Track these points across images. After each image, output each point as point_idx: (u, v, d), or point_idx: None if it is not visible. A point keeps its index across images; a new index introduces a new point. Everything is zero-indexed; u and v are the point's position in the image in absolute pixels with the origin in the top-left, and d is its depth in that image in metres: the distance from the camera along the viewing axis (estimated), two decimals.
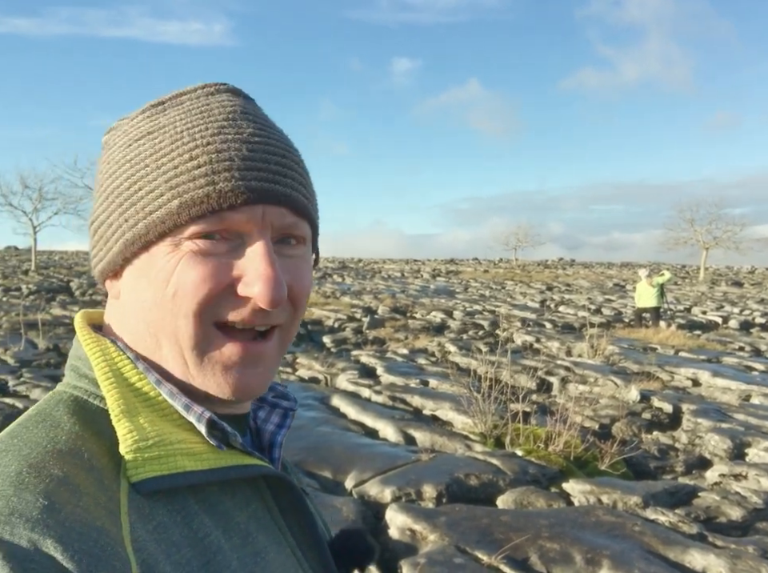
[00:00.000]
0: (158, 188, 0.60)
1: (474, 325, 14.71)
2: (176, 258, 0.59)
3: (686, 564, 3.43)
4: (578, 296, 23.91)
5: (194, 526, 0.55)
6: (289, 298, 0.63)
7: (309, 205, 0.65)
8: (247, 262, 0.60)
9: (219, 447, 0.59)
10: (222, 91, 0.68)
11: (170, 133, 0.63)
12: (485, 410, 5.90)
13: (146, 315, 0.61)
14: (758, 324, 16.68)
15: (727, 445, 5.73)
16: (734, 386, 8.24)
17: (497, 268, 49.70)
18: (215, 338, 0.61)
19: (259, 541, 0.61)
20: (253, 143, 0.62)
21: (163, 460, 0.55)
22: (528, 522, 3.92)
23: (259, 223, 0.60)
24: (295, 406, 0.77)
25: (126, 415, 0.57)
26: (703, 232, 45.73)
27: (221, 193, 0.59)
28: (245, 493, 0.63)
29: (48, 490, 0.49)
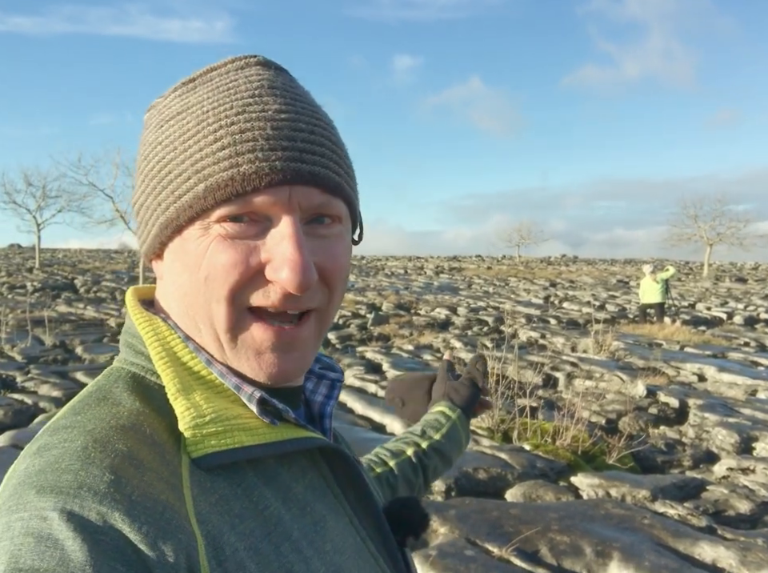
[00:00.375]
0: (185, 172, 0.59)
1: (479, 321, 14.72)
2: (206, 242, 0.59)
3: (696, 556, 3.44)
4: (581, 292, 23.89)
5: (254, 499, 0.56)
6: (322, 280, 0.61)
7: (341, 182, 0.62)
8: (274, 245, 0.59)
9: (273, 423, 0.60)
10: (252, 64, 0.65)
11: (196, 113, 0.61)
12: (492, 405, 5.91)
13: (183, 298, 0.62)
14: (762, 320, 16.66)
15: (734, 439, 5.73)
16: (739, 381, 8.24)
17: (500, 265, 49.66)
18: (248, 323, 0.60)
19: (317, 510, 0.62)
20: (278, 121, 0.60)
21: (221, 436, 0.56)
22: (537, 515, 3.94)
23: (286, 205, 0.59)
24: (342, 378, 0.78)
25: (183, 393, 0.58)
26: (707, 228, 45.61)
27: (244, 175, 0.57)
28: (301, 464, 0.64)
29: (114, 464, 0.50)
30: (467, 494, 4.38)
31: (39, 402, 6.82)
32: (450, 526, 3.75)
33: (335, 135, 0.65)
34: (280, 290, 0.59)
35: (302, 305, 0.61)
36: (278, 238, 0.59)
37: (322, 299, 0.63)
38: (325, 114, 0.66)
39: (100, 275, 26.92)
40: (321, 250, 0.61)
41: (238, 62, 0.65)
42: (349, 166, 0.66)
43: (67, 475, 0.48)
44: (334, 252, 0.62)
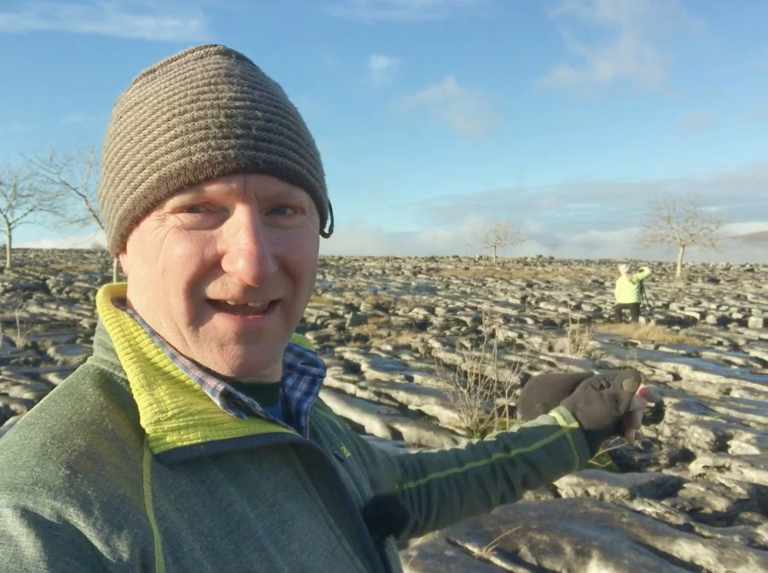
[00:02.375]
0: (140, 162, 0.58)
1: (457, 321, 14.76)
2: (162, 234, 0.58)
3: (674, 554, 3.46)
4: (557, 293, 24.10)
5: (217, 496, 0.55)
6: (286, 271, 0.60)
7: (302, 171, 0.60)
8: (230, 236, 0.57)
9: (240, 416, 0.59)
10: (212, 53, 0.64)
11: (151, 103, 0.60)
12: (471, 404, 5.92)
13: (144, 292, 0.61)
14: (734, 319, 16.95)
15: (710, 437, 5.80)
16: (714, 379, 8.35)
17: (477, 265, 49.92)
18: (209, 314, 0.59)
19: (287, 508, 0.60)
20: (232, 108, 0.58)
21: (183, 431, 0.55)
22: (517, 515, 3.94)
23: (241, 194, 0.57)
24: (324, 373, 0.76)
25: (146, 389, 0.57)
26: (680, 229, 46.31)
27: (196, 164, 0.56)
28: (272, 461, 0.62)
29: (70, 459, 0.50)
30: None
31: (10, 405, 6.67)
32: None
33: (296, 124, 0.63)
34: (238, 281, 0.57)
35: (262, 296, 0.59)
36: (233, 228, 0.57)
37: (285, 291, 0.61)
38: (287, 103, 0.64)
39: (73, 276, 26.49)
40: (282, 241, 0.59)
41: (198, 52, 0.64)
42: (312, 156, 0.64)
43: (23, 472, 0.49)
44: (296, 243, 0.61)
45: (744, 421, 6.37)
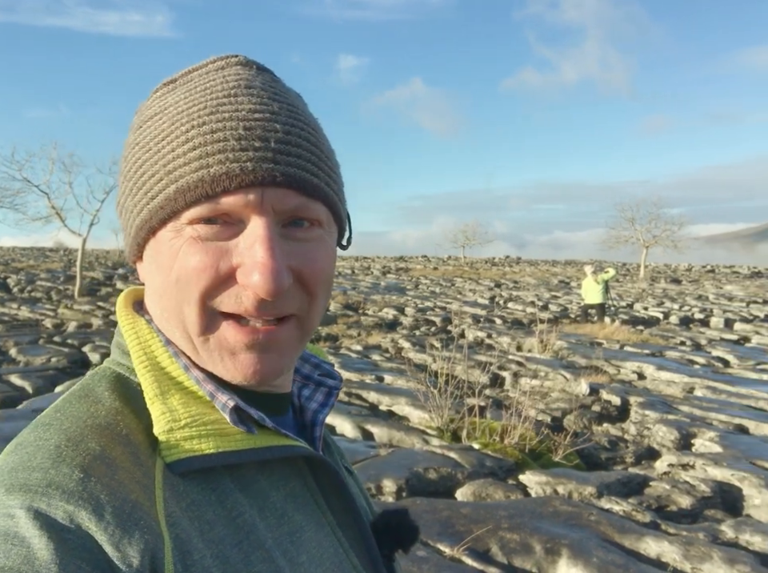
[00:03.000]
0: (157, 173, 0.59)
1: (427, 321, 14.81)
2: (178, 244, 0.58)
3: (642, 552, 3.52)
4: (525, 293, 24.36)
5: (228, 505, 0.56)
6: (301, 285, 0.60)
7: (320, 184, 0.60)
8: (246, 248, 0.57)
9: (250, 431, 0.59)
10: (232, 64, 0.64)
11: (170, 114, 0.60)
12: (441, 404, 5.94)
13: (159, 301, 0.61)
14: (696, 319, 17.34)
15: (674, 436, 5.93)
16: (677, 379, 8.54)
17: (446, 265, 50.19)
18: (221, 324, 0.59)
19: (296, 520, 0.61)
20: (251, 120, 0.58)
21: (196, 441, 0.56)
22: (488, 514, 3.97)
23: (258, 207, 0.57)
24: (340, 385, 0.76)
25: (160, 397, 0.58)
26: (643, 231, 47.17)
27: (214, 176, 0.56)
28: (283, 472, 0.63)
29: (84, 463, 0.50)
30: (418, 495, 4.38)
31: None
32: None
33: (315, 136, 0.63)
34: (252, 295, 0.57)
35: (276, 311, 0.59)
36: (249, 241, 0.57)
37: (301, 305, 0.61)
38: (306, 115, 0.64)
39: (35, 274, 25.84)
40: (298, 254, 0.59)
41: (219, 62, 0.64)
42: (331, 168, 0.63)
43: (37, 474, 0.49)
44: (312, 256, 0.60)
45: (707, 420, 6.52)
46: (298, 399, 0.73)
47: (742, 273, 49.68)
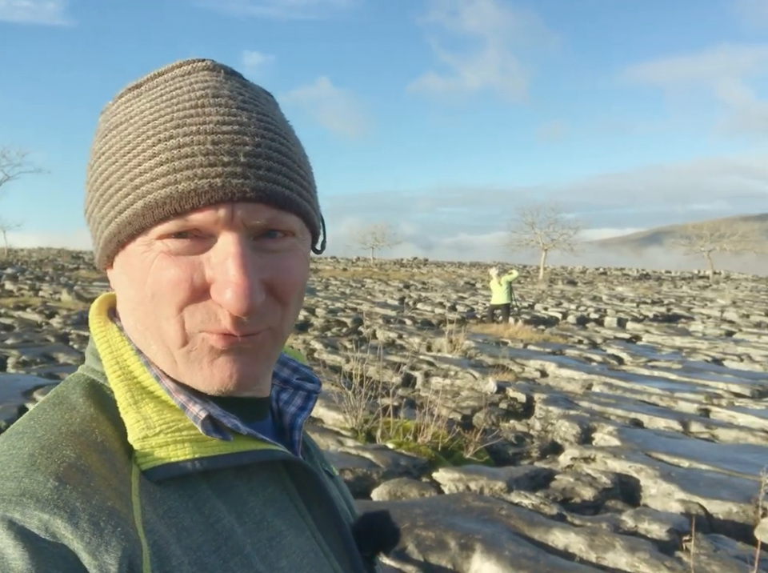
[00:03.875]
0: (124, 187, 0.58)
1: (338, 322, 14.80)
2: (149, 259, 0.57)
3: (550, 543, 3.68)
4: (433, 294, 24.86)
5: (205, 511, 0.56)
6: (274, 296, 0.59)
7: (292, 196, 0.59)
8: (218, 264, 0.56)
9: (225, 439, 0.58)
10: (199, 69, 0.62)
11: (137, 124, 0.59)
12: (356, 405, 5.96)
13: (133, 313, 0.60)
14: (592, 319, 18.31)
15: (576, 430, 6.23)
16: (577, 376, 8.99)
17: (355, 266, 50.36)
18: (200, 335, 0.58)
19: (275, 525, 0.60)
20: (219, 134, 0.57)
21: (171, 448, 0.56)
22: (404, 513, 4.01)
23: (228, 223, 0.56)
24: (319, 389, 0.76)
25: (134, 406, 0.57)
26: (542, 234, 49.37)
27: (182, 194, 0.55)
28: (261, 477, 0.62)
29: (59, 471, 0.50)
30: None
31: None
32: None
33: (286, 145, 0.61)
34: (229, 314, 0.57)
35: (253, 328, 0.58)
36: (221, 256, 0.56)
37: (274, 317, 0.60)
38: (277, 122, 0.63)
39: None
40: (271, 265, 0.59)
41: (185, 67, 0.63)
42: (303, 177, 0.62)
43: (11, 483, 0.48)
44: (285, 266, 0.60)
45: (605, 414, 6.90)
46: (276, 403, 0.73)
47: (631, 275, 52.97)
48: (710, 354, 11.72)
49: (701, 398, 7.71)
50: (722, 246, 54.66)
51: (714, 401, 7.66)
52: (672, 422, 6.56)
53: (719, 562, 3.40)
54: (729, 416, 6.94)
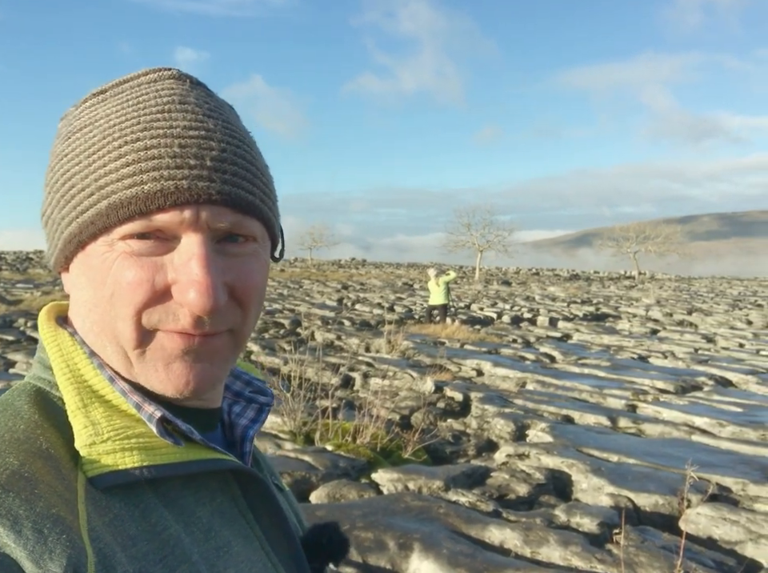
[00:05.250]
0: (88, 187, 0.58)
1: (276, 324, 14.63)
2: (111, 259, 0.58)
3: (486, 540, 3.75)
4: (372, 295, 24.92)
5: (152, 520, 0.55)
6: (235, 300, 0.60)
7: (255, 201, 0.61)
8: (181, 265, 0.57)
9: (177, 443, 0.59)
10: (165, 78, 0.64)
11: (102, 127, 0.60)
12: (294, 408, 5.91)
13: (89, 314, 0.60)
14: (526, 319, 18.77)
15: (510, 428, 6.37)
16: (511, 374, 9.20)
17: (293, 267, 49.95)
18: (156, 336, 0.59)
19: (223, 535, 0.60)
20: (186, 137, 0.58)
21: (119, 455, 0.55)
22: (342, 515, 4.01)
23: (193, 225, 0.57)
24: (272, 402, 0.76)
25: (82, 411, 0.57)
26: (478, 236, 50.32)
27: (148, 194, 0.56)
28: (210, 487, 0.62)
29: (1, 478, 0.49)
30: None
31: None
32: None
33: (250, 153, 0.63)
34: (189, 313, 0.57)
35: (213, 328, 0.59)
36: (184, 257, 0.57)
37: (234, 320, 0.61)
38: (241, 131, 0.65)
39: None
40: (233, 269, 0.60)
41: (152, 75, 0.64)
42: (266, 185, 0.64)
43: None
44: (247, 271, 0.61)
45: (538, 411, 7.09)
46: (228, 416, 0.73)
47: (562, 275, 54.64)
48: (636, 352, 12.22)
49: (628, 395, 8.03)
50: (647, 248, 57.09)
51: (640, 397, 7.99)
52: (601, 418, 6.81)
53: (647, 554, 3.55)
54: (654, 411, 7.25)
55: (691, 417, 6.86)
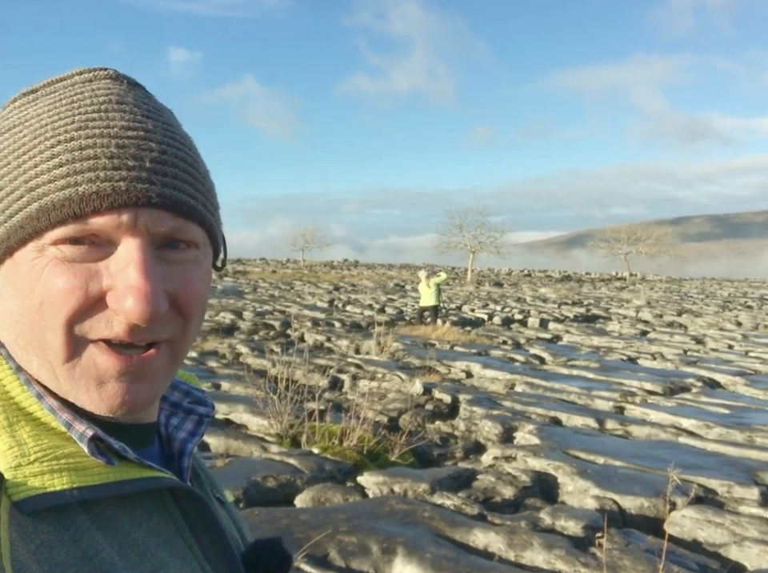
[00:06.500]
0: (17, 189, 0.55)
1: (265, 325, 14.59)
2: (41, 265, 0.54)
3: (471, 543, 3.74)
4: (363, 296, 24.89)
5: (83, 545, 0.52)
6: (175, 308, 0.58)
7: (196, 205, 0.59)
8: (118, 271, 0.54)
9: (110, 463, 0.55)
10: (101, 78, 0.61)
11: (33, 126, 0.57)
12: (281, 410, 5.88)
13: (14, 326, 0.56)
14: (516, 320, 18.79)
15: (498, 430, 6.37)
16: (500, 376, 9.20)
17: (285, 268, 49.85)
18: (88, 351, 0.55)
19: (159, 557, 0.57)
20: (124, 138, 0.56)
21: (47, 477, 0.51)
22: (326, 519, 3.98)
23: (131, 229, 0.54)
24: (212, 413, 0.73)
25: (7, 430, 0.53)
26: (470, 237, 50.36)
27: (83, 196, 0.53)
28: (146, 506, 0.59)
29: None
30: (256, 505, 4.29)
31: None
32: None
33: (192, 156, 0.61)
34: (125, 319, 0.54)
35: (150, 336, 0.56)
36: (122, 263, 0.54)
37: (174, 329, 0.59)
38: (182, 134, 0.62)
39: None
40: (173, 277, 0.57)
41: (87, 75, 0.61)
42: (208, 190, 0.62)
43: None
44: (188, 278, 0.58)
45: (526, 413, 7.08)
46: (165, 429, 0.70)
47: (554, 277, 54.78)
48: (625, 353, 12.24)
49: (616, 396, 8.04)
50: (639, 249, 57.32)
51: (628, 398, 8.01)
52: (589, 420, 6.81)
53: (630, 557, 3.54)
54: (642, 413, 7.26)
55: (678, 419, 6.88)
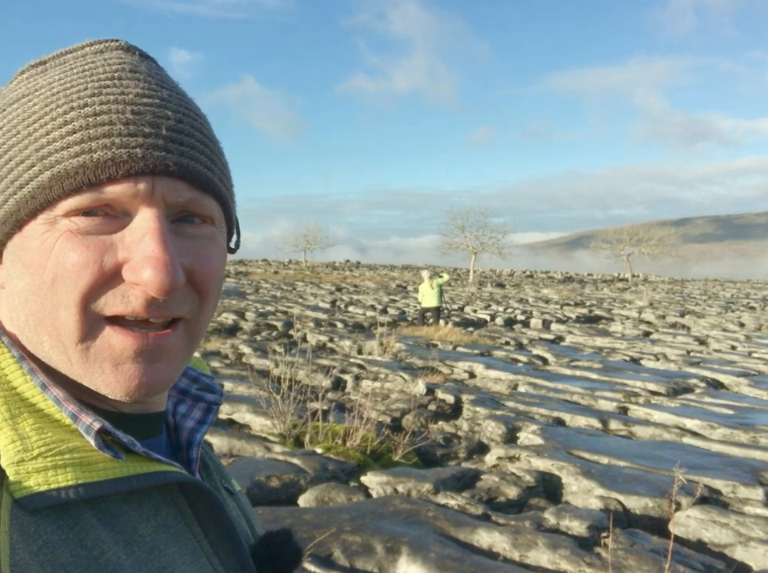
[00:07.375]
0: (28, 158, 0.52)
1: (268, 326, 14.58)
2: (52, 239, 0.51)
3: (475, 543, 3.72)
4: (365, 297, 24.88)
5: (88, 543, 0.49)
6: (192, 285, 0.55)
7: (213, 178, 0.56)
8: (134, 242, 0.52)
9: (117, 457, 0.53)
10: (113, 48, 0.59)
11: (44, 95, 0.54)
12: (284, 410, 5.87)
13: (24, 306, 0.53)
14: (519, 321, 18.77)
15: (502, 430, 6.35)
16: (503, 376, 9.18)
17: (287, 269, 49.86)
18: (103, 331, 0.53)
19: (168, 553, 0.55)
20: (140, 105, 0.53)
21: (51, 473, 0.49)
22: (330, 518, 3.98)
23: (147, 198, 0.52)
24: (220, 400, 0.70)
25: (9, 423, 0.50)
26: (472, 238, 50.33)
27: (98, 162, 0.50)
28: (153, 501, 0.57)
29: None
30: (260, 504, 4.28)
31: None
32: None
33: (207, 128, 0.59)
34: (141, 294, 0.52)
35: (168, 312, 0.54)
36: (138, 234, 0.52)
37: (191, 307, 0.56)
38: (196, 107, 0.60)
39: None
40: (190, 252, 0.55)
41: (98, 46, 0.59)
42: (223, 164, 0.60)
43: None
44: (205, 254, 0.56)
45: (530, 414, 7.07)
46: (172, 417, 0.68)
47: (556, 278, 54.73)
48: (628, 354, 12.22)
49: (619, 397, 8.02)
50: (641, 250, 57.23)
51: (631, 399, 7.98)
52: (592, 420, 6.79)
53: (635, 557, 3.53)
54: (645, 414, 7.24)
55: (682, 419, 6.86)
